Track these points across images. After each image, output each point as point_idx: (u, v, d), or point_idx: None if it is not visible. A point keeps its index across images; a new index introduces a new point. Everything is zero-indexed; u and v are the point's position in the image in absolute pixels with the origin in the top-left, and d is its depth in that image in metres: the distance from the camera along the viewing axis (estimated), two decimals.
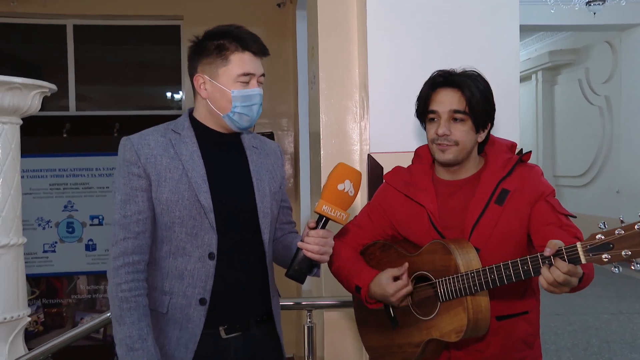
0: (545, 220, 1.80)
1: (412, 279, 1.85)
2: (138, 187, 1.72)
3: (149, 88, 7.27)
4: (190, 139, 1.78)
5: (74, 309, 6.44)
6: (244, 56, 1.76)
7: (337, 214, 1.72)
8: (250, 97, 1.77)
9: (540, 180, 1.87)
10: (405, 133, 2.38)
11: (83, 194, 6.58)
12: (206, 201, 1.72)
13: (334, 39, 2.65)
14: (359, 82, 2.68)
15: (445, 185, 1.91)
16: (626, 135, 9.10)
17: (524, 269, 1.59)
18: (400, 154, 2.30)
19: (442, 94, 1.84)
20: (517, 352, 1.88)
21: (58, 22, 6.67)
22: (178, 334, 1.73)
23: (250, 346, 1.81)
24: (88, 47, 6.85)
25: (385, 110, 2.41)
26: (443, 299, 1.76)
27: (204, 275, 1.73)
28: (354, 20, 2.69)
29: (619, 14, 7.82)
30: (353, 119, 2.75)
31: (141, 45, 7.11)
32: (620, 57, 9.28)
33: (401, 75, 2.40)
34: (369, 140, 2.46)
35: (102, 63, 7.07)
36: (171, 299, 1.74)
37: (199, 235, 1.73)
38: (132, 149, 1.74)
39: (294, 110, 6.33)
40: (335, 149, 2.74)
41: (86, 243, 6.55)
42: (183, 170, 1.73)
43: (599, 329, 5.63)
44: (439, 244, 1.79)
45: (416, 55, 2.39)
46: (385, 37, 2.41)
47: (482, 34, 2.40)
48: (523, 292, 1.87)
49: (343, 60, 2.73)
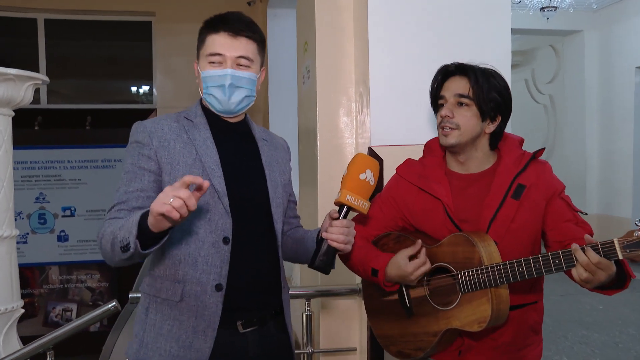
0: (563, 217, 1.79)
1: (428, 271, 1.79)
2: (146, 167, 1.63)
3: (121, 82, 7.07)
4: (203, 126, 1.70)
5: (46, 299, 6.29)
6: (216, 37, 1.65)
7: (360, 203, 1.66)
8: (214, 78, 1.65)
9: (553, 176, 1.85)
10: (404, 126, 2.33)
11: (55, 185, 6.41)
12: (220, 186, 1.63)
13: (330, 36, 2.59)
14: (356, 78, 2.62)
15: (459, 178, 1.86)
16: (568, 131, 9.35)
17: (555, 263, 1.57)
18: (400, 147, 2.26)
19: (450, 81, 1.83)
20: (526, 339, 1.87)
21: (29, 16, 6.43)
22: (194, 323, 1.61)
23: (266, 341, 1.71)
24: (59, 41, 6.64)
25: (386, 104, 2.36)
26: (465, 290, 1.71)
27: (218, 261, 1.62)
28: (350, 18, 2.64)
29: (563, 20, 7.98)
30: (347, 113, 2.70)
31: (113, 40, 6.91)
32: (563, 60, 9.49)
33: (401, 72, 2.35)
34: (368, 133, 2.40)
35: (74, 57, 6.87)
36: (184, 287, 1.62)
37: (212, 220, 1.63)
38: (145, 131, 1.65)
39: (263, 106, 6.25)
40: (331, 143, 2.69)
41: (58, 234, 6.41)
42: (197, 155, 1.65)
43: (550, 310, 5.71)
44: (461, 236, 1.74)
45: (415, 52, 2.35)
46: (386, 35, 2.36)
47: (476, 33, 2.38)
48: (533, 283, 1.84)
49: (338, 56, 2.67)
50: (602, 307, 5.99)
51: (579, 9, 7.40)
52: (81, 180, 6.44)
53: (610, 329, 5.30)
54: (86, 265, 6.46)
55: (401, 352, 1.90)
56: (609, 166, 8.53)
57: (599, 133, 8.82)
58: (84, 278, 6.51)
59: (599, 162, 8.65)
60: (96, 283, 6.53)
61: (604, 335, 5.11)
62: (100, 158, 6.40)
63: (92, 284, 6.50)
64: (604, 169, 8.55)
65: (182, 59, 6.51)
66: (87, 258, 6.44)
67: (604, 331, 5.23)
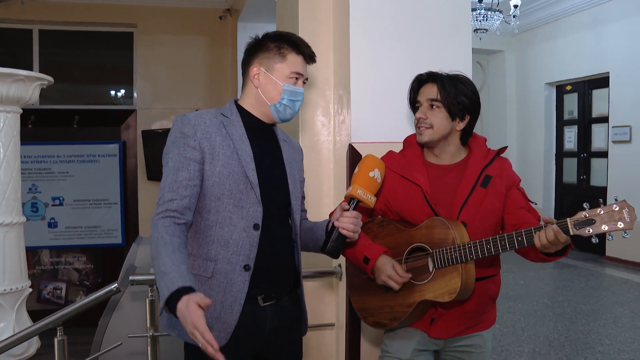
0: (518, 204, 1.86)
1: (408, 250, 1.82)
2: (192, 157, 1.59)
3: (105, 86, 6.90)
4: (238, 123, 1.69)
5: (39, 279, 6.18)
6: (298, 58, 1.71)
7: (368, 197, 1.70)
8: (297, 94, 1.72)
9: (513, 171, 1.93)
10: (382, 125, 2.33)
11: (46, 178, 6.28)
12: (253, 177, 1.63)
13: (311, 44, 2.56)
14: (335, 82, 2.59)
15: (437, 168, 1.89)
16: (493, 135, 9.49)
17: (518, 240, 1.64)
18: (378, 144, 2.24)
19: (424, 88, 1.88)
20: (486, 306, 1.92)
21: (26, 27, 6.28)
22: (222, 298, 1.59)
23: (282, 315, 1.73)
24: (52, 49, 6.48)
25: (365, 105, 2.35)
26: (438, 266, 1.74)
27: (248, 244, 1.62)
28: (329, 29, 2.61)
29: (489, 41, 8.17)
30: (325, 113, 2.67)
31: (99, 49, 6.76)
32: (487, 75, 9.74)
33: (378, 76, 2.34)
34: (348, 132, 2.38)
35: (64, 64, 6.70)
36: (216, 265, 1.61)
37: (244, 207, 1.62)
38: (190, 124, 1.62)
39: None
40: (312, 141, 2.65)
41: (49, 221, 6.26)
42: (234, 148, 1.63)
43: None
44: (437, 220, 1.77)
45: (391, 59, 2.35)
46: (365, 45, 2.34)
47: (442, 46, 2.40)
48: (493, 259, 1.89)
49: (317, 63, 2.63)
50: (522, 282, 6.20)
51: (503, 32, 7.59)
52: (69, 173, 6.31)
53: (530, 300, 5.48)
54: (73, 249, 6.35)
55: (378, 322, 1.91)
56: (525, 164, 8.82)
57: (517, 136, 9.12)
58: (71, 260, 6.39)
59: (517, 161, 8.94)
60: (82, 265, 6.41)
61: (525, 305, 5.30)
62: (86, 153, 6.29)
63: (78, 266, 6.38)
64: (521, 167, 8.84)
65: (161, 66, 6.45)
66: (75, 242, 6.33)
67: (526, 302, 5.41)
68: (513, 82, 9.18)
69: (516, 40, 8.92)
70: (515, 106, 9.14)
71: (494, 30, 6.65)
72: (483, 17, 6.36)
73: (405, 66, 2.28)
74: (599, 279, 6.40)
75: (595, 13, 7.35)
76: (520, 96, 9.04)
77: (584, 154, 8.02)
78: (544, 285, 6.17)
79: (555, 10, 7.93)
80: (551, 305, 5.36)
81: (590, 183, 7.95)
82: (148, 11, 6.43)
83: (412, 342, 1.89)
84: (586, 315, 4.96)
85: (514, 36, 8.74)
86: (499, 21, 6.54)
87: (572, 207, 8.13)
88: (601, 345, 4.17)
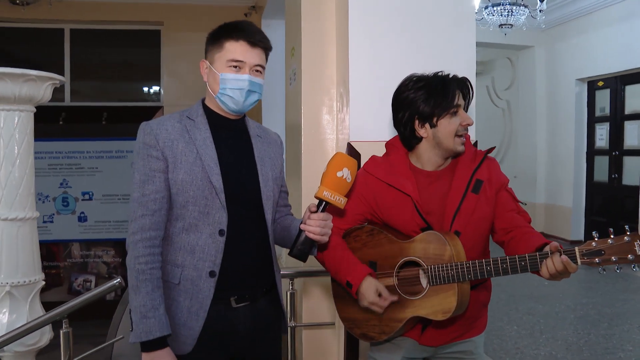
0: (507, 207, 1.77)
1: (400, 263, 1.74)
2: (156, 168, 1.58)
3: (133, 83, 7.07)
4: (203, 126, 1.65)
5: (69, 271, 6.31)
6: (237, 45, 1.61)
7: (336, 198, 1.60)
8: (237, 82, 1.61)
9: (500, 171, 1.84)
10: (380, 124, 2.28)
11: (76, 173, 6.41)
12: (217, 182, 1.59)
13: (314, 42, 2.53)
14: (337, 80, 2.57)
15: (426, 175, 1.80)
16: (522, 132, 9.39)
17: (521, 265, 1.55)
18: (376, 143, 2.21)
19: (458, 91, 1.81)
20: (478, 312, 1.86)
21: (57, 27, 6.45)
22: (189, 303, 1.60)
23: (257, 316, 1.68)
24: (82, 48, 6.64)
25: (364, 104, 2.31)
26: (433, 283, 1.66)
27: (213, 250, 1.60)
28: (332, 27, 2.59)
29: (517, 37, 7.99)
30: (329, 111, 2.65)
31: (127, 47, 6.91)
32: (517, 71, 9.51)
33: (378, 75, 2.30)
34: (347, 130, 2.35)
35: (93, 62, 6.84)
36: (183, 271, 1.60)
37: (210, 213, 1.59)
38: (152, 133, 1.59)
39: (257, 105, 6.21)
40: (315, 138, 2.63)
41: (79, 215, 6.37)
42: (197, 154, 1.59)
43: (506, 286, 5.78)
44: (433, 234, 1.68)
45: (391, 57, 2.31)
46: (364, 42, 2.31)
47: (446, 45, 2.34)
48: None
49: (321, 60, 2.62)
50: (547, 282, 6.01)
51: (531, 27, 7.40)
52: (98, 168, 6.43)
53: (552, 301, 5.34)
54: (102, 243, 6.48)
55: (365, 335, 1.84)
56: (554, 162, 8.59)
57: (547, 134, 8.87)
58: (100, 254, 6.55)
59: (546, 159, 8.71)
60: (111, 258, 6.56)
61: (547, 307, 5.17)
62: (114, 149, 6.39)
63: (107, 259, 6.54)
64: (550, 165, 8.61)
65: (186, 64, 6.52)
66: (103, 236, 6.46)
67: (547, 303, 5.28)
68: (543, 78, 8.92)
69: (546, 35, 8.67)
70: (545, 103, 8.89)
71: (520, 26, 6.47)
72: (508, 12, 6.18)
73: (405, 63, 2.25)
74: (627, 281, 6.19)
75: (628, 6, 7.06)
76: (551, 92, 8.79)
77: (615, 151, 7.74)
78: (568, 287, 5.99)
79: (586, 4, 7.67)
80: (573, 307, 5.22)
81: (622, 182, 7.68)
82: (174, 9, 6.52)
83: (401, 350, 1.83)
84: (610, 319, 4.80)
85: (543, 31, 8.50)
86: (525, 16, 6.36)
87: (603, 207, 7.89)
88: (622, 351, 4.03)
